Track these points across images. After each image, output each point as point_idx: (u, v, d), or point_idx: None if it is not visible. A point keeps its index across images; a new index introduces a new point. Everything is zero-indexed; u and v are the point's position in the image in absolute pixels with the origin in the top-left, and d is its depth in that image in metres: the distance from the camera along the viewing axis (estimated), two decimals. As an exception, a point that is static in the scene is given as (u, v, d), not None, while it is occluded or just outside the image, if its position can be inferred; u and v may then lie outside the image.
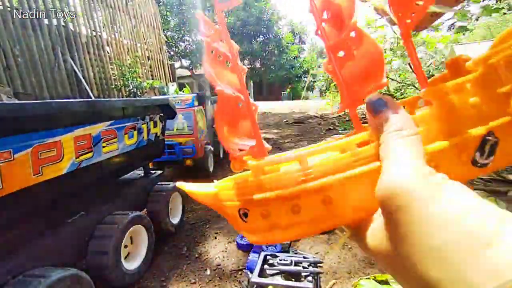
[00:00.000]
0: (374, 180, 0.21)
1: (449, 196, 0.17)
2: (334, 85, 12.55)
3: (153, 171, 2.74)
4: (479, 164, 0.21)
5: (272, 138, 6.59)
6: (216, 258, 2.21)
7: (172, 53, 16.67)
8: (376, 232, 0.21)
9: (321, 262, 1.50)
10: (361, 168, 0.22)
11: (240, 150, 0.27)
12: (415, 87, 8.85)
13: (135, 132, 2.18)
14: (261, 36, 15.70)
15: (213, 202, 0.28)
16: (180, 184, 0.31)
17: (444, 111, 0.22)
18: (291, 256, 1.51)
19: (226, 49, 0.30)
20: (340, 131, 6.13)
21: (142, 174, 2.64)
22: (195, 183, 0.31)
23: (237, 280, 1.93)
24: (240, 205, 0.25)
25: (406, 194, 0.17)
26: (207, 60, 0.28)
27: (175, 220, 2.59)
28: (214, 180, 0.30)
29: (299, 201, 0.23)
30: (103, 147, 1.81)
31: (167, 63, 10.05)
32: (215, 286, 1.90)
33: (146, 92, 6.77)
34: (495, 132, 0.21)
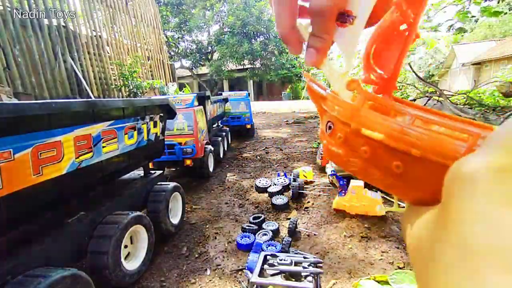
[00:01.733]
0: None
1: None
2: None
3: (153, 171, 2.74)
4: None
5: (273, 137, 6.59)
6: (216, 258, 2.21)
7: (172, 53, 16.66)
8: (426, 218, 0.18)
9: (321, 262, 1.50)
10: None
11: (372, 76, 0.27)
12: (415, 87, 8.86)
13: (135, 132, 2.18)
14: (261, 36, 15.69)
15: (317, 102, 0.29)
16: (306, 74, 0.33)
17: None
18: (291, 256, 1.51)
19: None
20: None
21: (142, 174, 2.64)
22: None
23: (237, 280, 1.93)
24: (331, 118, 0.26)
25: (472, 186, 0.14)
26: None
27: (175, 220, 2.59)
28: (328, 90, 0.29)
29: (374, 150, 0.22)
30: (103, 147, 1.81)
31: (167, 63, 10.05)
32: (215, 286, 1.90)
33: (146, 92, 6.77)
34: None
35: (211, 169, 4.21)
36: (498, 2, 3.80)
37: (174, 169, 4.53)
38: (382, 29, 0.27)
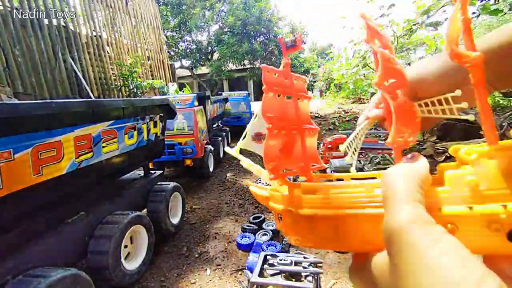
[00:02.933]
0: (380, 222, 0.23)
1: (443, 247, 0.18)
2: (334, 84, 12.54)
3: (153, 171, 2.74)
4: None
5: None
6: (216, 258, 2.21)
7: (172, 53, 16.65)
8: (380, 265, 0.24)
9: (321, 262, 1.50)
10: (369, 210, 0.26)
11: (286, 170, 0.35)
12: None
13: (135, 132, 2.18)
14: (261, 36, 15.68)
15: (264, 202, 0.35)
16: (249, 183, 0.40)
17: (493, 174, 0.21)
18: (291, 256, 1.51)
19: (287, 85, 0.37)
20: (340, 131, 6.12)
21: (142, 174, 2.64)
22: (255, 184, 0.38)
23: (237, 280, 1.93)
24: (278, 210, 0.32)
25: (406, 241, 0.19)
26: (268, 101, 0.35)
27: (175, 220, 2.59)
28: (270, 184, 0.35)
29: (314, 222, 0.29)
30: (103, 147, 1.81)
31: (167, 63, 10.05)
32: (215, 286, 1.90)
33: (146, 92, 6.77)
34: None
35: (211, 169, 4.21)
36: (496, 2, 3.80)
37: (174, 169, 4.53)
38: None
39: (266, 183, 0.36)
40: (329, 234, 0.29)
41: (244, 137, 0.39)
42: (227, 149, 0.40)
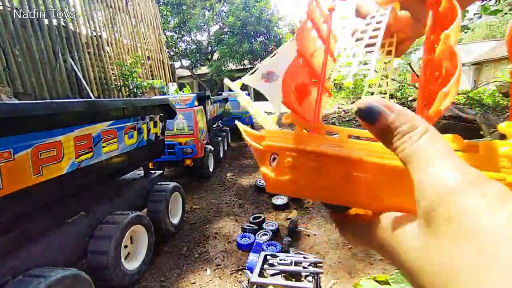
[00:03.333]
0: (397, 180, 0.21)
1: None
2: (334, 84, 12.53)
3: (153, 171, 2.74)
4: None
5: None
6: (216, 258, 2.21)
7: (172, 53, 16.65)
8: (409, 234, 0.19)
9: (321, 262, 1.50)
10: (392, 161, 0.22)
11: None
12: (415, 87, 8.83)
13: (135, 132, 2.18)
14: (261, 36, 15.68)
15: (257, 141, 0.30)
16: (237, 123, 0.33)
17: None
18: (291, 256, 1.51)
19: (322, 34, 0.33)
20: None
21: (142, 174, 2.64)
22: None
23: (237, 280, 1.93)
24: (275, 148, 0.27)
25: (461, 203, 0.15)
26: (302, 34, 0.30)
27: (175, 220, 2.59)
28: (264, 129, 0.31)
29: (322, 164, 0.25)
30: (103, 147, 1.81)
31: (167, 63, 10.05)
32: (215, 286, 1.90)
33: (146, 92, 6.77)
34: None
35: (211, 169, 4.21)
36: (496, 3, 3.81)
37: (174, 169, 4.53)
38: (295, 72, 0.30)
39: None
40: (336, 183, 0.25)
41: (253, 72, 0.33)
42: (227, 80, 0.34)
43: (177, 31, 16.41)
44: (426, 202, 0.16)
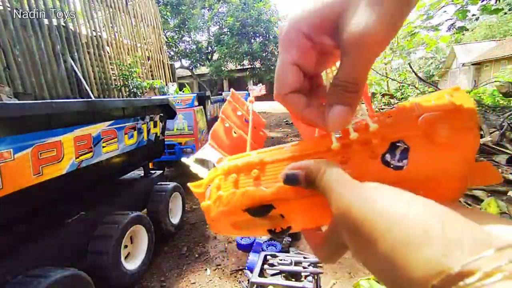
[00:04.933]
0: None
1: (387, 197, 0.20)
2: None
3: (153, 171, 2.74)
4: (392, 165, 0.24)
5: (273, 137, 6.59)
6: (216, 258, 2.21)
7: (172, 53, 16.65)
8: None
9: (321, 262, 1.50)
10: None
11: None
12: (415, 87, 8.84)
13: (135, 132, 2.18)
14: (260, 36, 15.68)
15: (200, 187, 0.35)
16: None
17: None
18: (291, 256, 1.51)
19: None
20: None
21: (142, 174, 2.64)
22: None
23: (237, 280, 1.93)
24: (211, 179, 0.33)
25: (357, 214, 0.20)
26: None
27: (175, 220, 2.59)
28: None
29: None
30: (103, 147, 1.81)
31: (167, 63, 10.05)
32: (215, 286, 1.90)
33: (146, 92, 6.77)
34: (405, 141, 0.24)
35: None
36: (497, 1, 3.81)
37: (174, 169, 4.53)
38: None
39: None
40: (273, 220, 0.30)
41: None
42: (184, 159, 0.44)
43: (177, 31, 16.41)
44: (338, 212, 0.22)
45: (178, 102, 3.73)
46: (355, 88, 0.25)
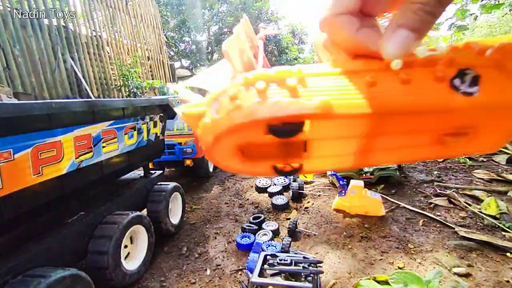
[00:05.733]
0: None
1: None
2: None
3: (153, 171, 2.74)
4: (462, 91, 0.22)
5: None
6: (216, 258, 2.21)
7: (172, 53, 16.66)
8: None
9: (321, 262, 1.51)
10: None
11: None
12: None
13: (135, 132, 2.18)
14: (260, 36, 15.68)
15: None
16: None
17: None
18: (291, 256, 1.51)
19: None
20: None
21: (142, 174, 2.64)
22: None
23: (237, 280, 1.93)
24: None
25: None
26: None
27: (175, 220, 2.59)
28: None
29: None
30: (103, 147, 1.81)
31: (167, 63, 10.05)
32: (215, 286, 1.90)
33: (146, 92, 6.77)
34: (475, 69, 0.23)
35: (211, 169, 4.21)
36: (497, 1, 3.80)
37: (174, 169, 4.53)
38: None
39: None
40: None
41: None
42: (170, 84, 0.40)
43: (177, 31, 16.42)
44: None
45: (178, 102, 3.73)
46: (435, 10, 0.21)
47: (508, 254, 1.98)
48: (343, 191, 2.71)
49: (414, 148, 0.27)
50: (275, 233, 2.44)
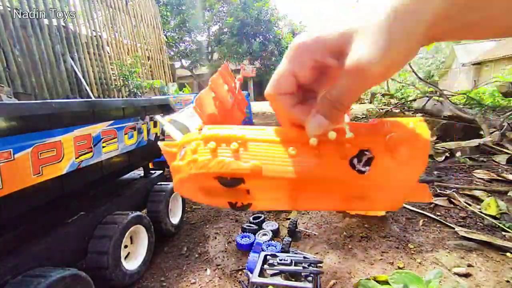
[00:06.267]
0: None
1: None
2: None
3: (153, 171, 2.74)
4: (356, 168, 0.29)
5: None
6: (216, 258, 2.21)
7: (172, 53, 16.65)
8: None
9: (321, 262, 1.51)
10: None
11: None
12: (415, 87, 8.83)
13: (135, 132, 2.18)
14: (260, 36, 15.68)
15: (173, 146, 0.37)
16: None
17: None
18: (291, 256, 1.51)
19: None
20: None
21: (142, 174, 2.64)
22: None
23: (237, 280, 1.93)
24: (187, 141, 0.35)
25: None
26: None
27: (175, 220, 2.59)
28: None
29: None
30: (103, 147, 1.81)
31: (167, 63, 10.05)
32: (215, 286, 1.90)
33: (146, 92, 6.77)
34: (371, 151, 0.29)
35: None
36: None
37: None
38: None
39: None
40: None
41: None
42: (158, 117, 0.51)
43: (177, 31, 16.40)
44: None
45: (178, 102, 3.73)
46: (341, 108, 0.27)
47: (508, 254, 1.98)
48: (343, 191, 2.71)
49: (330, 202, 0.33)
50: (275, 233, 2.44)
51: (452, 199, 2.80)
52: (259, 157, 0.29)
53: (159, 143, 0.37)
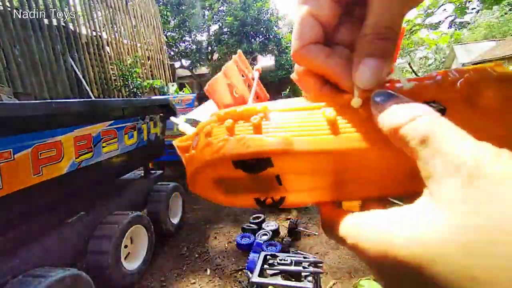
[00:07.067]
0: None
1: None
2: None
3: (153, 171, 2.74)
4: None
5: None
6: (216, 258, 2.21)
7: (172, 53, 16.65)
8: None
9: (321, 262, 1.51)
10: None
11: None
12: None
13: (135, 132, 2.18)
14: (260, 36, 15.68)
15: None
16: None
17: None
18: (291, 256, 1.51)
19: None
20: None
21: (142, 174, 2.64)
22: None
23: (237, 280, 1.93)
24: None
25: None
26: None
27: (175, 220, 2.59)
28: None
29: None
30: (103, 147, 1.81)
31: (167, 63, 10.05)
32: (215, 286, 1.90)
33: (146, 92, 6.77)
34: (440, 102, 0.22)
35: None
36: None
37: (174, 169, 4.53)
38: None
39: None
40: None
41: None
42: (172, 118, 0.40)
43: (177, 31, 16.41)
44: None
45: (178, 102, 3.73)
46: (391, 34, 0.20)
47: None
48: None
49: (389, 183, 0.25)
50: (275, 233, 2.44)
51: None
52: (289, 129, 0.22)
53: (173, 141, 0.31)
